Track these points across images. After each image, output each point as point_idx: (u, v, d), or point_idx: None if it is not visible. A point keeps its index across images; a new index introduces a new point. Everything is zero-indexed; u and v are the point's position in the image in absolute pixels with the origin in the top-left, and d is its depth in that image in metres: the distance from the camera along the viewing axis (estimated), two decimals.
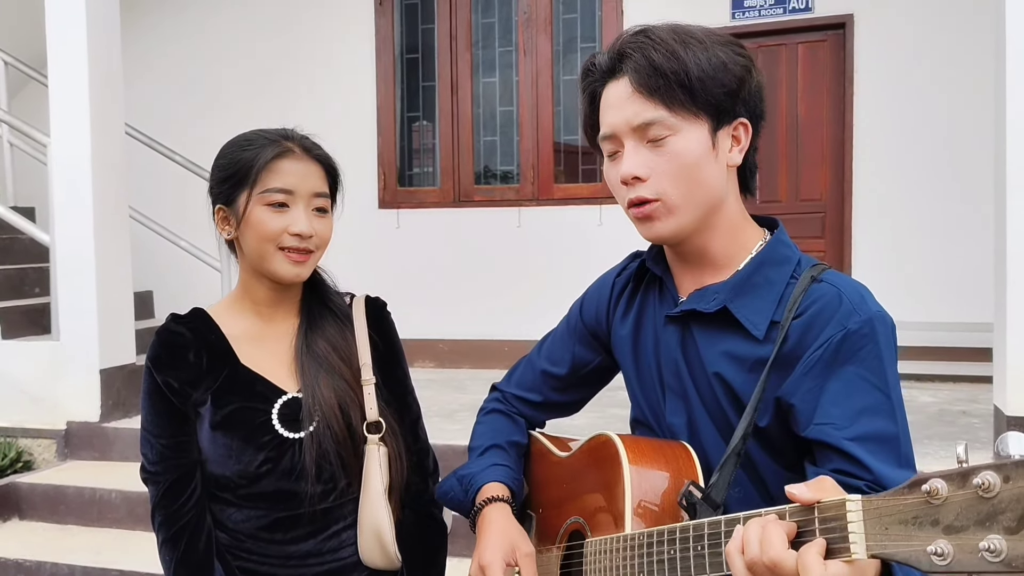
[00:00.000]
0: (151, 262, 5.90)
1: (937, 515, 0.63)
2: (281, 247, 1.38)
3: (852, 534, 0.70)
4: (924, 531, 0.64)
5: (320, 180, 1.44)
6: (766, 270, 1.09)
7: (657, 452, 1.10)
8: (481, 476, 1.28)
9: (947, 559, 0.62)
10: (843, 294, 1.03)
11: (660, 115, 1.04)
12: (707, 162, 1.06)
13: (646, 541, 0.97)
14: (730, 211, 1.11)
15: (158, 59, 6.70)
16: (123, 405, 4.42)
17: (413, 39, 6.41)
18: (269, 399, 1.41)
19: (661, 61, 1.04)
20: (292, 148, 1.43)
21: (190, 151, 5.57)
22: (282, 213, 1.38)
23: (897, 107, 5.37)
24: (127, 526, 3.75)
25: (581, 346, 1.33)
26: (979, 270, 4.44)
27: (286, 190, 1.38)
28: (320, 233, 1.42)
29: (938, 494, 0.63)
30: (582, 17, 6.05)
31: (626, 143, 1.08)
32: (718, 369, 1.08)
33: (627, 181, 1.08)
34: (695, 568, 0.89)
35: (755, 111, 1.10)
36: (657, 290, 1.21)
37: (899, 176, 5.40)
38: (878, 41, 5.39)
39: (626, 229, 5.08)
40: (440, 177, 6.33)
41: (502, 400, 1.42)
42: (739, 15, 5.60)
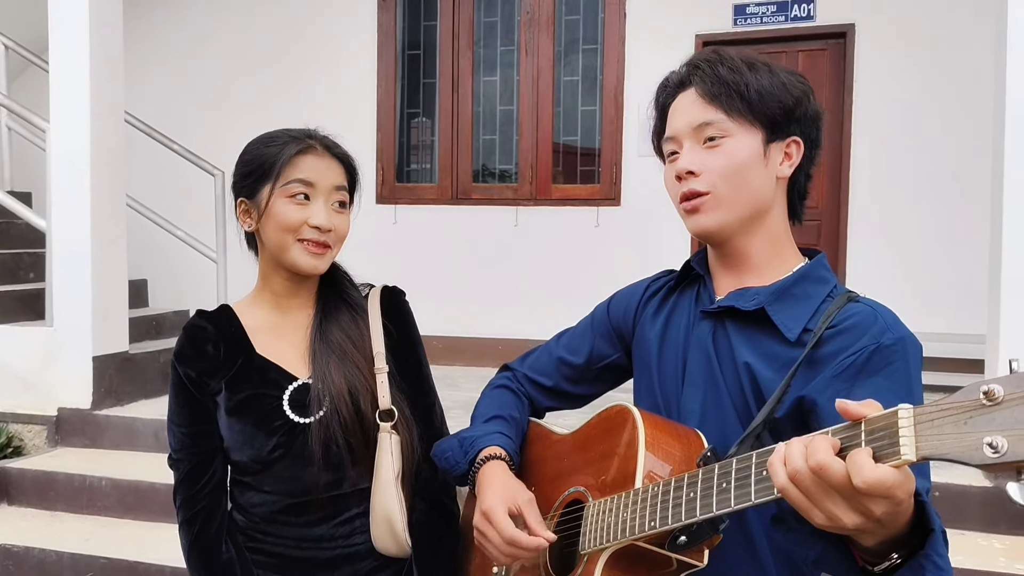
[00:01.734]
0: (147, 251, 5.89)
1: (992, 415, 0.67)
2: (300, 239, 1.44)
3: (903, 438, 0.73)
4: (979, 429, 0.68)
5: (340, 176, 1.49)
6: (806, 285, 1.16)
7: (670, 428, 1.13)
8: (483, 439, 1.31)
9: (1000, 451, 0.66)
10: (878, 314, 1.09)
11: (718, 118, 1.15)
12: (756, 167, 1.16)
13: (661, 490, 0.99)
14: (774, 223, 1.19)
15: (161, 50, 6.70)
16: (115, 393, 4.42)
17: (415, 35, 6.41)
18: (281, 385, 1.46)
19: (725, 73, 1.16)
20: (314, 145, 1.47)
21: (191, 142, 5.57)
22: (303, 206, 1.43)
23: (896, 117, 5.39)
24: (116, 514, 3.75)
25: (602, 340, 1.39)
26: (973, 282, 4.46)
27: (307, 182, 1.44)
28: (338, 228, 1.47)
29: (995, 395, 0.67)
30: (584, 18, 6.06)
31: (684, 143, 1.18)
32: (748, 360, 1.13)
33: (681, 175, 1.17)
34: (717, 504, 0.91)
35: (809, 134, 1.19)
36: (694, 292, 1.27)
37: (896, 187, 5.42)
38: (878, 51, 5.41)
39: (622, 232, 5.14)
40: (438, 174, 6.33)
41: (512, 379, 1.46)
42: (741, 21, 5.62)
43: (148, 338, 5.10)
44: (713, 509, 0.91)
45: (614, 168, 5.92)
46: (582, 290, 5.89)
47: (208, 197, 5.38)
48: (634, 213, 5.80)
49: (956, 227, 5.23)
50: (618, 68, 5.91)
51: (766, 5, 5.58)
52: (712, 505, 0.91)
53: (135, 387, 4.56)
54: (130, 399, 4.50)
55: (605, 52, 5.98)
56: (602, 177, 5.98)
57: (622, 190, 5.89)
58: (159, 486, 3.73)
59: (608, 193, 5.94)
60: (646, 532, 0.99)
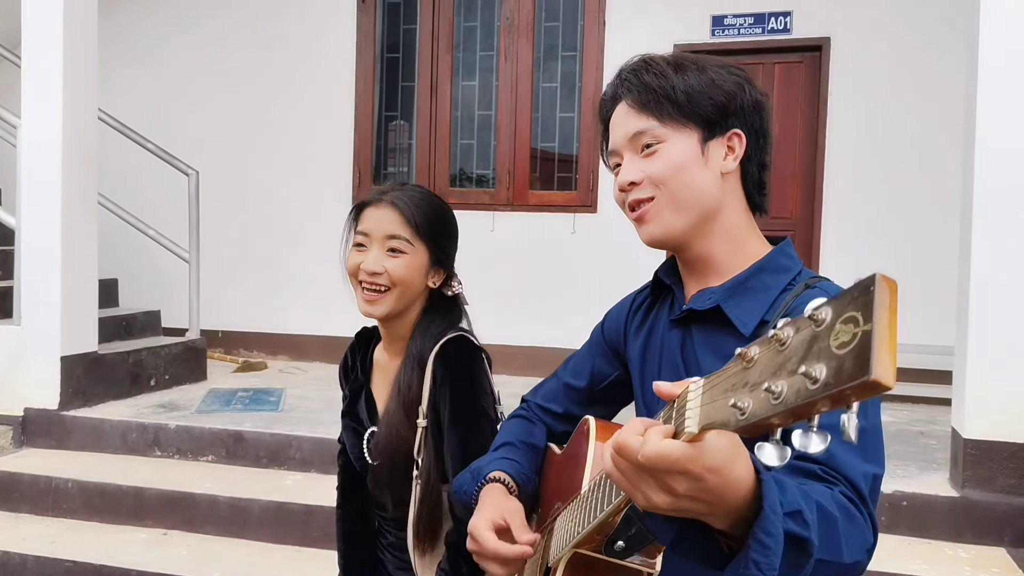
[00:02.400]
0: (118, 250, 5.83)
1: (747, 376, 0.65)
2: (360, 282, 1.58)
3: (689, 411, 0.71)
4: (736, 393, 0.65)
5: (395, 224, 1.57)
6: (763, 276, 1.14)
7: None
8: (488, 467, 1.32)
9: (746, 412, 0.63)
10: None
11: (650, 125, 1.14)
12: (696, 167, 1.14)
13: (585, 495, 1.00)
14: (730, 220, 1.17)
15: (137, 48, 6.63)
16: (83, 394, 4.36)
17: (395, 38, 6.40)
18: (365, 427, 1.69)
19: (651, 80, 1.14)
20: (380, 198, 1.60)
21: (165, 141, 5.52)
22: (361, 252, 1.58)
23: (869, 130, 5.46)
24: (82, 516, 3.70)
25: (601, 360, 1.39)
26: (943, 294, 4.52)
27: (363, 232, 1.59)
28: (391, 271, 1.56)
29: (748, 356, 0.65)
30: (564, 25, 6.08)
31: (624, 155, 1.18)
32: (711, 368, 1.10)
33: (623, 187, 1.17)
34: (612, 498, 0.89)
35: (752, 125, 1.17)
36: (669, 302, 1.26)
37: (869, 198, 5.48)
38: (853, 65, 5.47)
39: (599, 239, 5.15)
40: (415, 177, 6.32)
41: (526, 408, 1.47)
42: (719, 32, 5.66)
43: (118, 338, 5.03)
44: (607, 505, 0.90)
45: (591, 175, 5.94)
46: (557, 296, 5.94)
47: (182, 197, 5.34)
48: (611, 220, 5.82)
49: (927, 239, 5.30)
50: (596, 75, 5.93)
51: (744, 17, 5.64)
52: (610, 500, 0.90)
53: (104, 388, 4.50)
54: (98, 400, 4.44)
55: (584, 59, 6.00)
56: (579, 184, 6.00)
57: (599, 197, 5.91)
58: (126, 488, 3.69)
59: (585, 200, 5.95)
60: (576, 538, 0.99)
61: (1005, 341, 3.32)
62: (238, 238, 6.44)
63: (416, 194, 1.61)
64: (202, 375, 5.26)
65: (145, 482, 3.72)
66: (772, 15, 5.58)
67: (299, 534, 3.47)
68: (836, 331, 0.56)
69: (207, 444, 4.05)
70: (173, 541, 3.52)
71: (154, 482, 3.72)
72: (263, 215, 6.42)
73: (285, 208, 6.38)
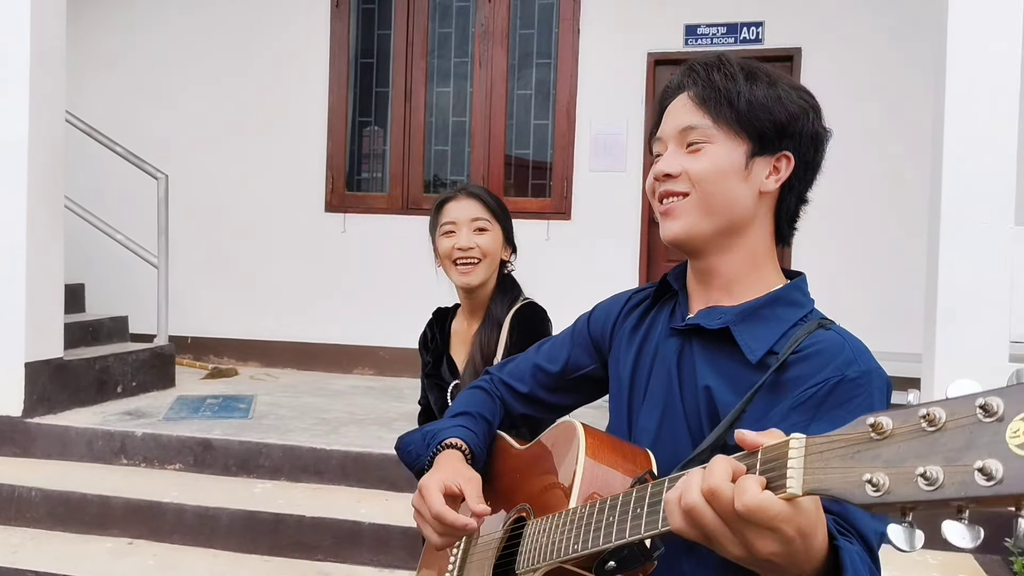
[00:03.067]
0: (86, 254, 5.74)
1: (879, 449, 0.62)
2: (454, 261, 1.97)
3: (791, 469, 0.69)
4: (863, 465, 0.63)
5: (476, 209, 2.00)
6: (777, 307, 1.12)
7: (616, 448, 1.11)
8: (446, 432, 1.29)
9: (881, 489, 0.61)
10: (847, 344, 1.05)
11: (703, 123, 1.12)
12: (735, 178, 1.11)
13: (587, 512, 0.97)
14: (754, 241, 1.15)
15: (107, 49, 6.55)
16: (48, 400, 4.28)
17: (368, 44, 6.37)
18: (448, 380, 2.02)
19: (718, 79, 1.12)
20: (457, 193, 2.04)
21: (135, 144, 5.44)
22: (451, 236, 1.98)
23: (839, 141, 5.42)
24: (46, 526, 3.63)
25: (579, 350, 1.36)
26: (912, 302, 4.57)
27: (451, 221, 1.99)
28: (481, 245, 1.97)
29: (882, 428, 0.62)
30: (539, 33, 6.09)
31: (669, 146, 1.15)
32: (709, 383, 1.10)
33: (659, 177, 1.15)
34: (630, 530, 0.88)
35: (804, 154, 1.15)
36: (670, 308, 1.24)
37: (839, 207, 5.53)
38: (824, 75, 5.53)
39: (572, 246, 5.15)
40: (389, 183, 6.29)
41: (488, 382, 1.44)
42: (692, 41, 5.70)
43: (84, 344, 4.95)
44: (626, 535, 0.88)
45: (565, 182, 5.95)
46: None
47: (151, 201, 5.27)
48: (584, 228, 5.83)
49: (895, 248, 5.37)
50: (571, 83, 5.95)
51: (716, 27, 5.68)
52: (625, 531, 0.88)
53: (69, 395, 4.42)
54: (63, 407, 4.37)
55: (558, 67, 6.01)
56: (553, 191, 6.01)
57: (573, 204, 5.92)
58: (91, 497, 3.62)
59: (559, 207, 5.96)
60: (570, 555, 0.97)
61: (972, 348, 3.37)
62: (208, 243, 6.37)
63: (482, 187, 2.13)
64: (170, 382, 5.19)
65: (111, 491, 3.66)
66: (744, 25, 5.64)
67: (268, 543, 3.43)
68: (1015, 429, 0.55)
69: (175, 452, 3.99)
70: (139, 551, 3.46)
71: (120, 491, 3.66)
72: (234, 220, 6.35)
73: (256, 213, 6.32)
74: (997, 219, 3.36)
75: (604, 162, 5.78)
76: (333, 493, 3.72)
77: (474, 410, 1.36)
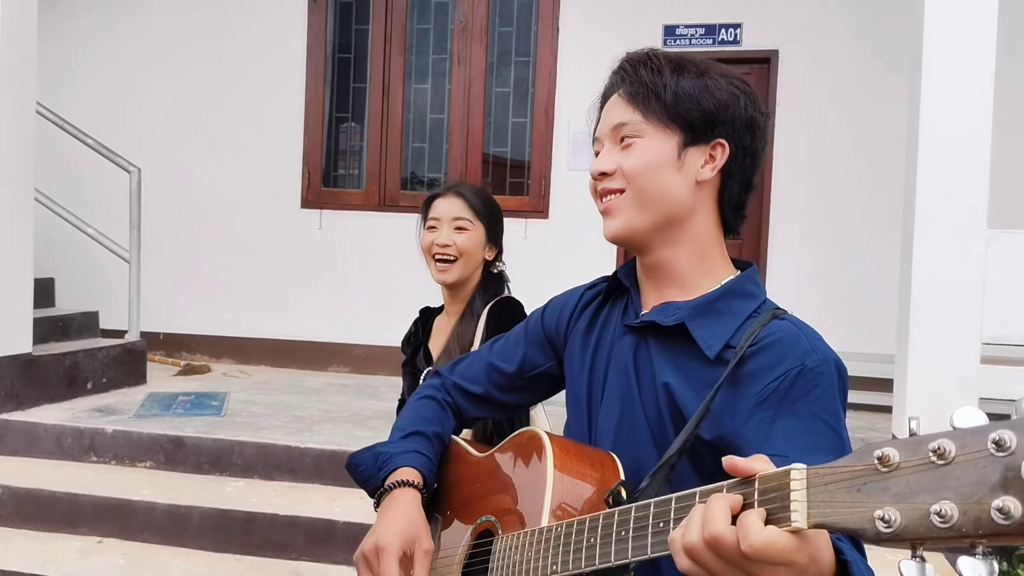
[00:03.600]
0: (56, 248, 5.64)
1: (887, 483, 0.62)
2: (433, 256, 2.02)
3: (794, 502, 0.68)
4: (872, 499, 0.62)
5: (459, 207, 2.05)
6: (731, 300, 1.12)
7: (583, 456, 1.09)
8: (398, 458, 1.25)
9: (893, 526, 0.60)
10: (803, 333, 1.05)
11: (634, 119, 1.13)
12: (668, 170, 1.11)
13: (564, 532, 0.96)
14: (699, 232, 1.14)
15: (79, 41, 6.45)
16: (16, 397, 4.21)
17: (346, 39, 6.33)
18: (421, 369, 2.05)
19: (645, 74, 1.13)
20: (447, 191, 2.09)
21: (107, 137, 5.36)
22: (433, 232, 2.04)
23: (815, 143, 5.57)
24: (14, 524, 3.57)
25: (535, 348, 1.34)
26: (884, 303, 4.62)
27: (435, 217, 2.06)
28: (459, 243, 2.01)
29: (889, 461, 0.62)
30: (518, 30, 6.08)
31: (604, 144, 1.17)
32: (668, 380, 1.09)
33: (595, 176, 1.17)
34: (615, 554, 0.87)
35: (740, 140, 1.13)
36: (622, 305, 1.23)
37: (813, 209, 5.59)
38: (801, 78, 5.58)
39: (550, 245, 5.14)
40: (366, 180, 6.26)
41: (440, 388, 1.41)
42: (671, 42, 5.72)
43: (53, 339, 4.87)
44: (611, 559, 0.87)
45: (543, 181, 5.94)
46: None
47: (123, 195, 5.20)
48: (562, 226, 5.83)
49: (869, 250, 5.42)
50: (549, 82, 5.94)
51: (695, 27, 5.71)
52: (610, 555, 0.87)
53: (38, 391, 4.35)
54: (32, 403, 4.29)
55: (537, 65, 6.01)
56: (531, 190, 6.00)
57: (551, 203, 5.92)
58: (60, 495, 3.56)
59: (537, 206, 5.96)
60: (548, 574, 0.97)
61: (944, 350, 3.41)
62: (181, 238, 6.29)
63: (473, 187, 2.16)
64: (141, 378, 5.12)
65: (80, 488, 3.60)
66: (723, 26, 5.67)
67: (240, 542, 3.39)
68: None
69: (145, 449, 3.94)
70: (109, 549, 3.41)
71: (90, 488, 3.60)
72: (208, 215, 6.28)
73: (231, 208, 6.25)
74: (970, 222, 3.40)
75: (582, 161, 5.78)
76: (307, 492, 3.68)
77: (428, 429, 1.32)
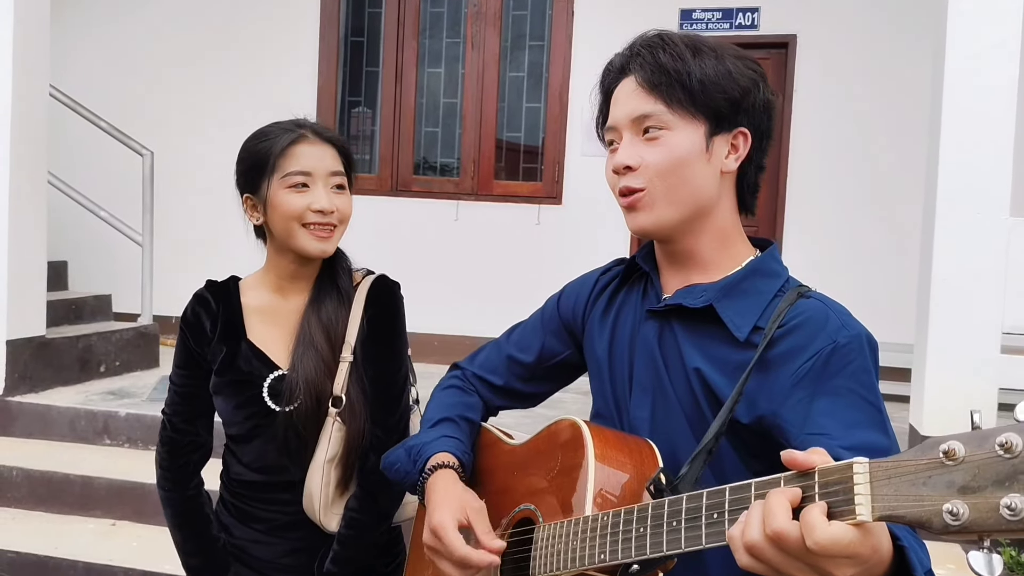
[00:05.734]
0: (69, 231, 5.65)
1: (952, 476, 0.63)
2: (305, 224, 1.52)
3: (858, 495, 0.69)
4: (938, 492, 0.63)
5: (335, 160, 1.57)
6: (756, 280, 1.10)
7: (621, 443, 1.08)
8: (430, 447, 1.24)
9: (961, 519, 0.62)
10: (831, 311, 1.05)
11: (657, 110, 1.08)
12: (698, 162, 1.08)
13: (611, 521, 0.94)
14: (722, 218, 1.13)
15: (92, 22, 6.43)
16: (30, 379, 4.22)
17: (359, 22, 6.29)
18: (262, 375, 1.55)
19: (666, 60, 1.07)
20: (305, 134, 1.54)
21: (120, 120, 5.35)
22: (303, 193, 1.52)
23: (833, 129, 5.50)
24: (27, 506, 3.58)
25: (552, 337, 1.33)
26: (904, 292, 4.57)
27: (305, 172, 1.52)
28: (340, 208, 1.56)
29: (955, 455, 0.63)
30: (532, 14, 6.02)
31: (624, 135, 1.11)
32: (698, 365, 1.08)
33: (618, 170, 1.11)
34: (668, 544, 0.86)
35: (759, 125, 1.12)
36: (641, 288, 1.21)
37: (831, 196, 5.53)
38: (819, 63, 5.51)
39: (563, 231, 5.10)
40: (378, 165, 6.23)
41: (461, 378, 1.40)
42: (687, 26, 5.66)
43: (67, 322, 4.88)
44: (663, 548, 0.87)
45: (557, 167, 5.90)
46: (521, 287, 5.88)
47: (136, 178, 5.19)
48: (575, 212, 5.80)
49: (889, 237, 5.36)
50: (564, 66, 5.89)
51: (712, 11, 5.64)
52: (662, 544, 0.87)
53: (51, 373, 4.36)
54: (46, 386, 4.30)
55: (551, 50, 5.96)
56: (544, 175, 5.96)
57: (564, 189, 5.88)
58: (73, 477, 3.57)
59: (550, 191, 5.92)
60: (596, 564, 0.96)
61: (964, 340, 3.37)
62: (193, 221, 6.29)
63: (331, 129, 1.65)
64: (154, 362, 5.13)
65: (94, 471, 3.61)
66: (740, 11, 5.60)
67: None
68: None
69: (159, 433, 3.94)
70: (122, 532, 3.42)
71: (103, 471, 3.61)
72: (220, 199, 6.21)
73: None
74: (992, 210, 3.35)
75: (596, 147, 5.72)
76: None
77: (455, 414, 1.31)
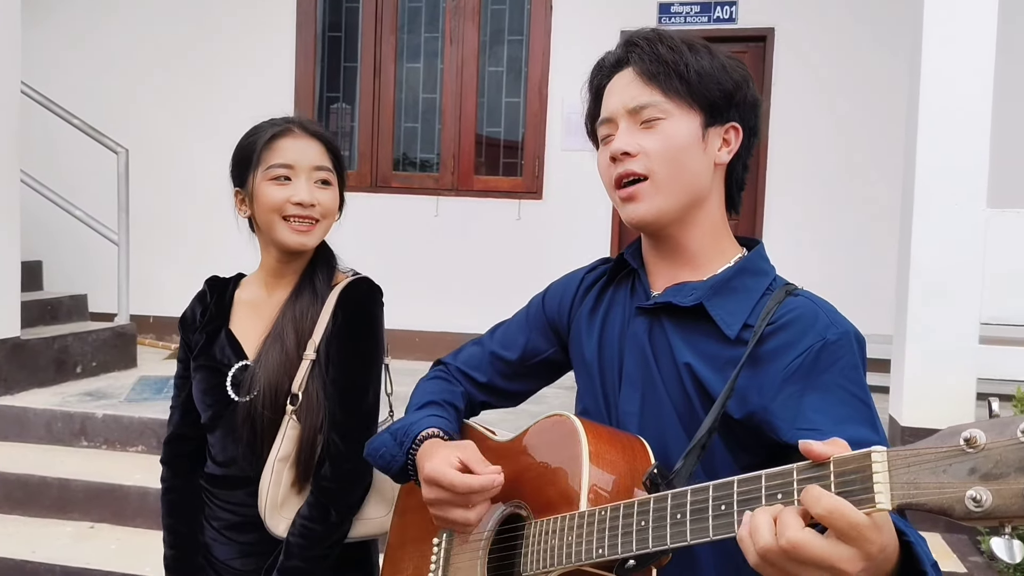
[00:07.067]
0: (43, 230, 5.57)
1: (974, 463, 0.64)
2: (285, 216, 1.53)
3: (877, 484, 0.68)
4: (959, 479, 0.64)
5: (319, 155, 1.56)
6: (745, 278, 1.12)
7: (614, 439, 1.07)
8: (417, 425, 1.21)
9: (984, 505, 0.62)
10: (820, 308, 1.06)
11: (655, 99, 1.10)
12: (695, 151, 1.11)
13: (609, 516, 0.93)
14: (712, 212, 1.15)
15: (65, 18, 6.34)
16: (5, 381, 4.16)
17: (336, 17, 6.24)
18: (231, 363, 1.56)
19: (664, 52, 1.11)
20: (291, 128, 1.56)
21: (94, 118, 5.28)
22: (285, 185, 1.53)
23: (811, 121, 5.52)
24: (4, 510, 3.54)
25: (536, 335, 1.33)
26: (882, 283, 4.60)
27: (287, 164, 1.53)
28: (323, 203, 1.55)
29: (976, 442, 0.64)
30: (511, 9, 6.00)
31: (620, 124, 1.13)
32: (689, 360, 1.09)
33: (616, 157, 1.12)
34: (672, 537, 0.85)
35: (748, 121, 1.16)
36: (629, 286, 1.22)
37: (810, 189, 5.56)
38: (796, 56, 5.53)
39: (544, 226, 5.08)
40: (357, 161, 6.19)
41: (446, 372, 1.39)
42: (665, 20, 5.66)
43: (42, 323, 4.81)
44: (667, 542, 0.86)
45: (537, 161, 5.89)
46: (502, 283, 5.88)
47: (111, 176, 5.12)
48: (556, 207, 5.79)
49: (867, 230, 5.39)
50: (543, 61, 5.88)
51: (690, 5, 5.65)
52: (666, 537, 0.86)
53: (27, 375, 4.30)
54: (21, 387, 4.25)
55: (530, 44, 5.94)
56: (524, 170, 5.95)
57: (544, 184, 5.87)
58: (50, 480, 3.53)
59: (530, 186, 5.91)
60: (594, 559, 0.95)
61: (942, 330, 3.39)
62: (170, 220, 6.23)
63: (319, 124, 1.66)
64: (132, 362, 5.07)
65: (71, 474, 3.57)
66: (718, 4, 5.61)
67: None
68: None
69: (137, 434, 3.90)
70: (101, 535, 3.38)
71: (81, 474, 3.57)
72: (197, 196, 6.20)
73: (220, 190, 6.10)
74: (970, 201, 3.37)
75: (576, 141, 5.73)
76: None
77: (440, 398, 1.30)
